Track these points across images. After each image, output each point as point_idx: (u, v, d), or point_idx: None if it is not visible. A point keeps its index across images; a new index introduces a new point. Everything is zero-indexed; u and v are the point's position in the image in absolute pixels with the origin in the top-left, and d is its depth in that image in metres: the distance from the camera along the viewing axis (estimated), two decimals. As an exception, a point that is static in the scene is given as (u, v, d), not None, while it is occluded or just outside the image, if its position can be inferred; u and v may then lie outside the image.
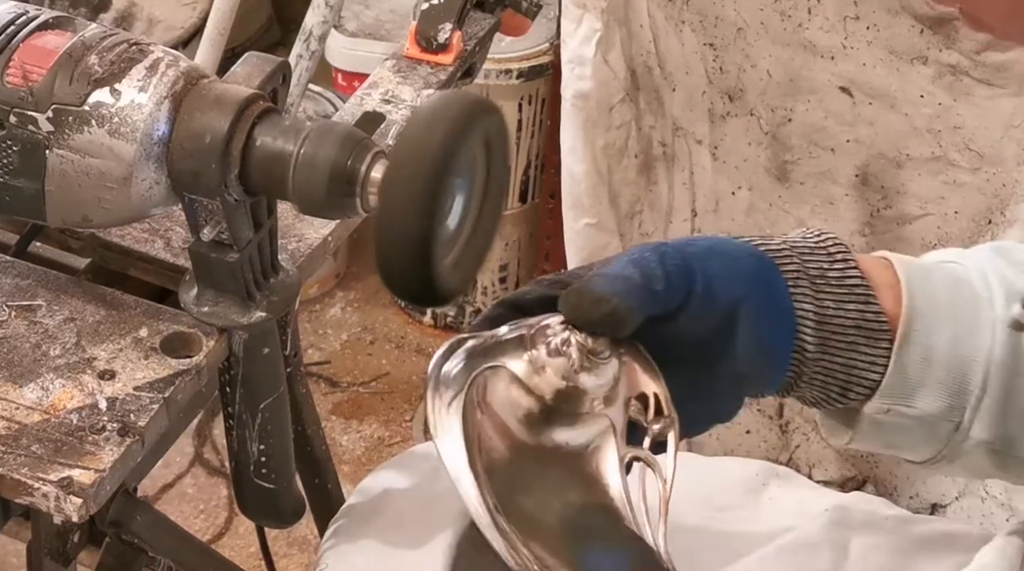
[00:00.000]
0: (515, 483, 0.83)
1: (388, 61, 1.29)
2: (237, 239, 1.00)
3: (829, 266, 0.94)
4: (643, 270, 0.88)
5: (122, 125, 0.96)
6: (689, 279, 0.89)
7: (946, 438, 0.97)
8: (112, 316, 1.06)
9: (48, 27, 0.98)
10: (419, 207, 0.82)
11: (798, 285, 0.93)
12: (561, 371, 0.84)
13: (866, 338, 0.94)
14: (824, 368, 0.94)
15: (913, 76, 1.70)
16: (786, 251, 0.94)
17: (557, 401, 0.85)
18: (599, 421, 0.86)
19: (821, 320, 0.93)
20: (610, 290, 0.86)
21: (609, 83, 1.89)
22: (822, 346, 0.93)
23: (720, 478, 1.28)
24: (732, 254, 0.92)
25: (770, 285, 0.92)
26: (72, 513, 0.96)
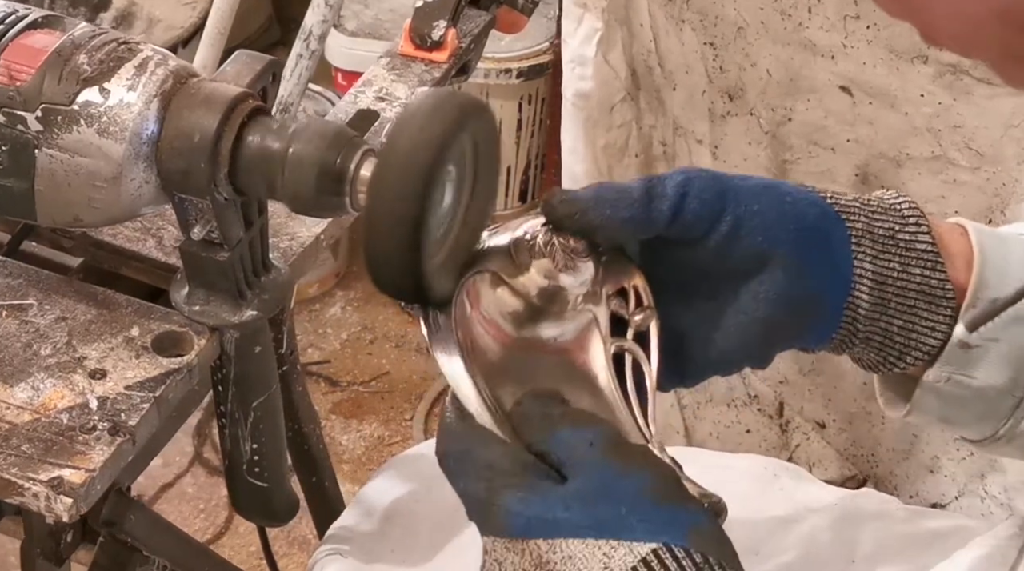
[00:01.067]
0: (510, 379, 0.85)
1: (382, 59, 1.29)
2: (227, 238, 1.00)
3: (900, 228, 0.92)
4: (650, 188, 0.88)
5: (111, 124, 0.95)
6: (715, 210, 0.89)
7: (1006, 414, 0.95)
8: (103, 315, 1.06)
9: (37, 26, 0.98)
10: (407, 205, 0.81)
11: (861, 243, 0.91)
12: (543, 271, 0.87)
13: (928, 303, 0.92)
14: (882, 329, 0.92)
15: (913, 75, 1.69)
16: (855, 207, 0.92)
17: (542, 300, 0.87)
18: (583, 316, 0.88)
19: (881, 281, 0.91)
20: (591, 197, 0.87)
21: (610, 83, 1.89)
22: (880, 307, 0.92)
23: (729, 471, 1.28)
24: (788, 198, 0.91)
25: (825, 238, 0.91)
26: (62, 513, 0.96)
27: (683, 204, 0.88)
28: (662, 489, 0.80)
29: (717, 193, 0.88)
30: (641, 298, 0.89)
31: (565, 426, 0.82)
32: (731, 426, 2.06)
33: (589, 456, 0.80)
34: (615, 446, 0.81)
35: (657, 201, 0.87)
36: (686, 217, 0.88)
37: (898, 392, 0.98)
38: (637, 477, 0.80)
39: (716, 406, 2.06)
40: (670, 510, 0.79)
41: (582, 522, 0.78)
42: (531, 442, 0.82)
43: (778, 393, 2.02)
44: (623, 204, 0.87)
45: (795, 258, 0.90)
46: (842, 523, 1.21)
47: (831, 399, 1.97)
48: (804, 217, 0.90)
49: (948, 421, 0.98)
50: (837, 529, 1.20)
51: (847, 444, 1.99)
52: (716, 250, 0.89)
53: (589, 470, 0.80)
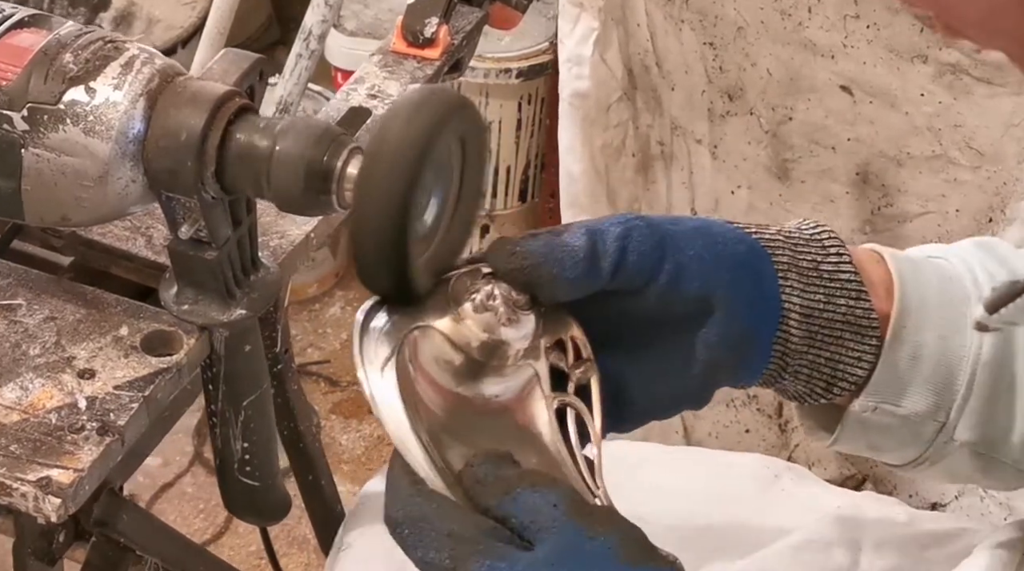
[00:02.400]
0: (456, 439, 0.83)
1: (374, 56, 1.29)
2: (216, 237, 1.00)
3: (823, 259, 0.93)
4: (594, 242, 0.87)
5: (97, 123, 0.95)
6: (655, 260, 0.89)
7: (930, 439, 0.97)
8: (92, 315, 1.06)
9: (23, 25, 0.97)
10: (393, 203, 0.81)
11: (787, 277, 0.92)
12: (483, 324, 0.86)
13: (854, 334, 0.93)
14: (809, 362, 0.93)
15: (913, 75, 1.69)
16: (779, 241, 0.93)
17: (482, 354, 0.86)
18: (524, 372, 0.87)
19: (808, 313, 0.92)
20: (539, 253, 0.86)
21: (607, 82, 1.89)
22: (808, 340, 0.92)
23: (730, 471, 1.28)
24: (719, 238, 0.91)
25: (757, 274, 0.91)
26: (51, 513, 0.96)
27: (624, 258, 0.88)
28: (633, 550, 0.78)
29: (655, 243, 0.89)
30: (579, 351, 0.89)
31: (524, 488, 0.79)
32: (730, 426, 2.06)
33: (554, 519, 0.78)
34: (579, 507, 0.79)
35: (600, 259, 0.87)
36: (628, 270, 0.88)
37: (820, 421, 0.99)
38: (606, 539, 0.78)
39: (715, 406, 2.06)
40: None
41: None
42: (488, 506, 0.80)
43: (778, 393, 2.02)
44: (568, 263, 0.87)
45: (731, 298, 0.90)
46: (844, 524, 1.21)
47: (831, 399, 1.96)
48: (735, 255, 0.91)
49: (874, 448, 0.99)
50: (839, 530, 1.20)
51: (847, 444, 1.98)
52: (658, 299, 0.90)
53: (556, 533, 0.78)
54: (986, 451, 0.98)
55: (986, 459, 0.98)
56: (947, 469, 1.00)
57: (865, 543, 1.20)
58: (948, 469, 1.00)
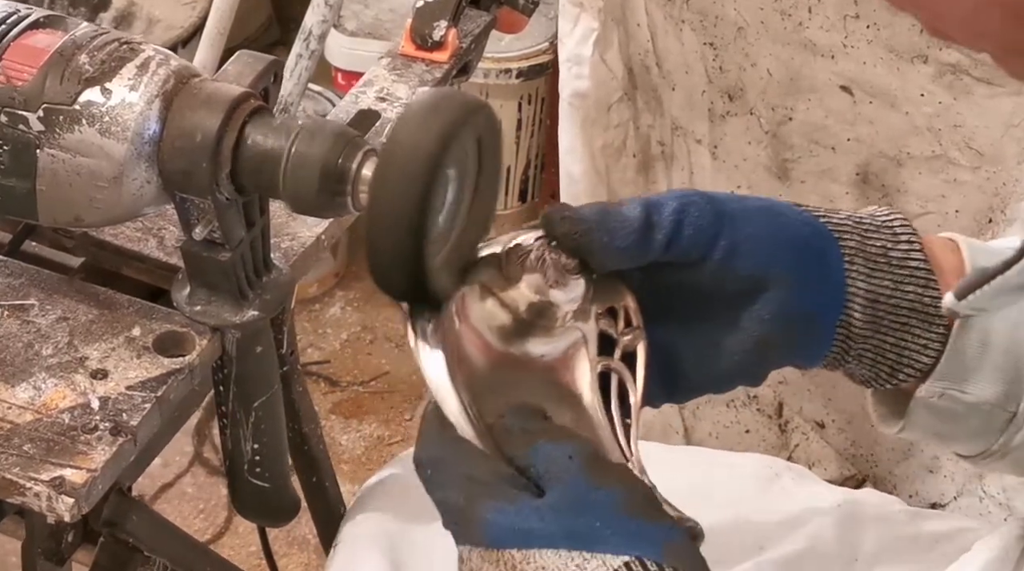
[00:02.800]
0: (495, 393, 0.85)
1: (383, 59, 1.29)
2: (229, 238, 1.00)
3: (893, 245, 0.92)
4: (649, 214, 0.88)
5: (113, 124, 0.95)
6: (711, 236, 0.89)
7: (1000, 429, 0.96)
8: (104, 315, 1.06)
9: (39, 26, 0.98)
10: (408, 204, 0.81)
11: (854, 262, 0.91)
12: (534, 286, 0.87)
13: (921, 321, 0.93)
14: (874, 347, 0.93)
15: (913, 75, 1.70)
16: (848, 226, 0.92)
17: (530, 315, 0.87)
18: (572, 334, 0.88)
19: (874, 299, 0.92)
20: (592, 220, 0.87)
21: (607, 82, 1.90)
22: (873, 325, 0.92)
23: (731, 471, 1.28)
24: (782, 219, 0.91)
25: (821, 257, 0.91)
26: (64, 513, 0.96)
27: (679, 232, 0.88)
28: (638, 504, 0.80)
29: (712, 219, 0.89)
30: (631, 319, 0.90)
31: (545, 440, 0.81)
32: (730, 426, 2.06)
33: (567, 469, 0.80)
34: (593, 461, 0.81)
35: (654, 230, 0.88)
36: (682, 244, 0.89)
37: (892, 408, 0.99)
38: (613, 491, 0.79)
39: (715, 406, 2.06)
40: (645, 525, 0.79)
41: (556, 533, 0.78)
42: (512, 456, 0.81)
43: (777, 393, 2.02)
44: (621, 233, 0.87)
45: (790, 278, 0.91)
46: (844, 523, 1.21)
47: (830, 399, 1.97)
48: (798, 237, 0.91)
49: (942, 437, 0.98)
50: (840, 529, 1.20)
51: (846, 444, 1.99)
52: (712, 274, 0.90)
53: (566, 483, 0.79)
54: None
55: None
56: (1017, 462, 0.99)
57: (865, 543, 1.20)
58: (1018, 462, 0.99)
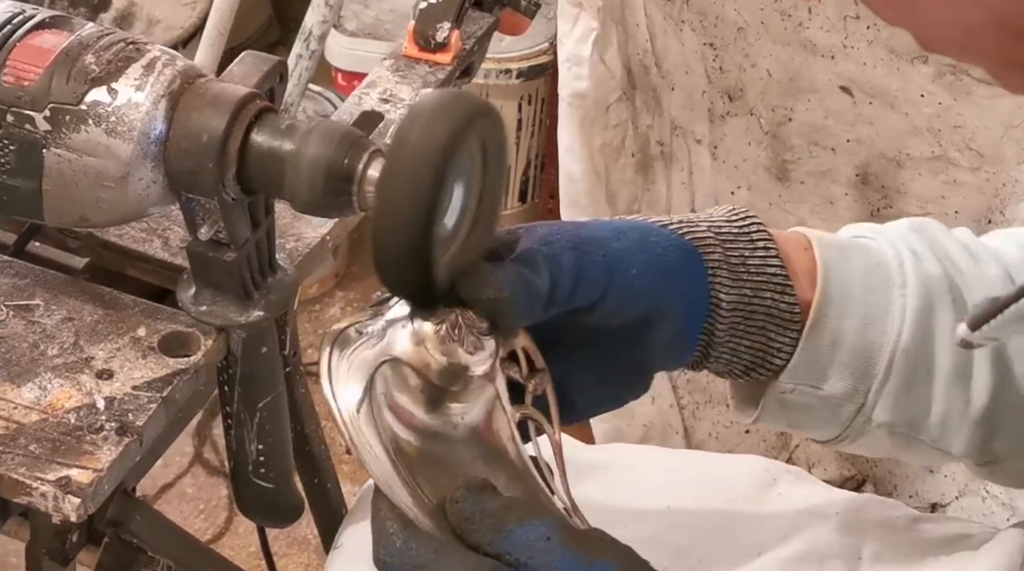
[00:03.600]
0: (434, 470, 0.84)
1: (386, 60, 1.29)
2: (235, 238, 1.00)
3: (751, 253, 0.95)
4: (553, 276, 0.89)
5: (119, 124, 0.95)
6: (604, 285, 0.91)
7: (849, 419, 1.00)
8: (110, 316, 1.06)
9: (45, 26, 0.98)
10: (416, 205, 0.81)
11: (717, 274, 0.94)
12: (445, 350, 0.86)
13: (776, 326, 0.96)
14: (730, 349, 0.96)
15: (913, 75, 1.70)
16: (710, 239, 0.95)
17: (443, 380, 0.86)
18: (485, 391, 0.88)
19: (734, 307, 0.95)
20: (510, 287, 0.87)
21: (606, 82, 1.90)
22: (730, 330, 0.95)
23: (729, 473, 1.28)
24: (658, 250, 0.94)
25: (691, 277, 0.94)
26: (70, 513, 0.96)
27: (577, 287, 0.90)
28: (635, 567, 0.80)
29: (604, 269, 0.91)
30: (532, 361, 0.91)
31: (512, 523, 0.80)
32: (730, 426, 2.06)
33: (550, 551, 0.79)
34: (570, 536, 0.80)
35: (557, 291, 0.90)
36: (579, 297, 0.91)
37: (747, 396, 1.02)
38: (605, 565, 0.79)
39: (715, 406, 2.06)
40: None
41: None
42: (479, 544, 0.80)
43: (778, 393, 2.02)
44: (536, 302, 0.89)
45: (668, 305, 0.94)
46: (845, 527, 1.21)
47: (831, 399, 1.97)
48: (674, 265, 0.94)
49: (795, 425, 1.02)
50: (840, 533, 1.20)
51: (847, 444, 1.99)
52: (603, 316, 0.93)
53: (556, 568, 0.78)
54: (905, 431, 1.01)
55: (905, 438, 1.01)
56: (866, 446, 1.03)
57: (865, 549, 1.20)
58: (867, 446, 1.03)
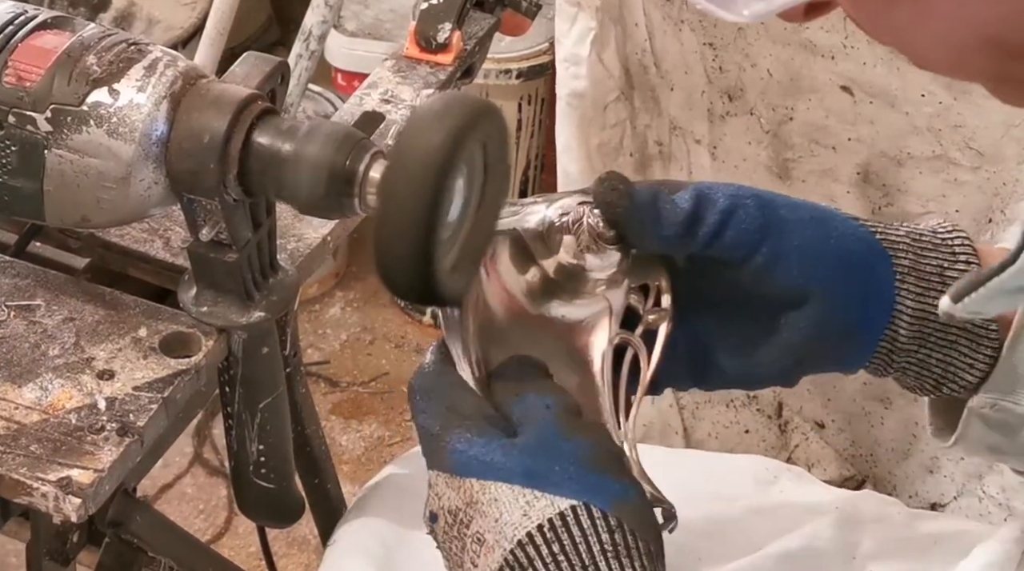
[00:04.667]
0: (505, 345, 0.88)
1: (387, 61, 1.29)
2: (236, 239, 1.00)
3: (949, 265, 0.93)
4: (698, 209, 0.89)
5: (120, 125, 0.95)
6: (754, 243, 0.89)
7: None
8: (111, 316, 1.06)
9: (46, 27, 0.98)
10: (419, 207, 0.81)
11: (905, 280, 0.91)
12: (569, 248, 0.88)
13: (969, 341, 0.93)
14: (919, 361, 0.93)
15: (913, 75, 1.70)
16: (904, 244, 0.92)
17: (560, 276, 0.89)
18: (598, 302, 0.89)
19: (922, 317, 0.92)
20: (642, 202, 0.88)
21: (604, 82, 1.89)
22: (919, 340, 0.92)
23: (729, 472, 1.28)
24: (834, 233, 0.91)
25: (870, 273, 0.91)
26: (71, 513, 0.96)
27: (722, 233, 0.89)
28: (600, 460, 0.82)
29: (759, 225, 0.89)
30: (660, 299, 0.90)
31: (532, 392, 0.85)
32: (730, 426, 2.06)
33: (541, 417, 0.83)
34: (570, 414, 0.84)
35: (698, 225, 0.89)
36: (724, 245, 0.89)
37: (947, 420, 0.98)
38: (579, 443, 0.82)
39: (715, 406, 2.07)
40: (601, 478, 0.82)
41: (515, 469, 0.81)
42: (500, 403, 0.85)
43: (777, 393, 2.02)
44: (667, 221, 0.88)
45: (834, 293, 0.91)
46: (843, 525, 1.21)
47: (830, 399, 1.97)
48: (847, 252, 0.91)
49: (995, 450, 0.98)
50: (838, 531, 1.20)
51: (846, 444, 1.99)
52: (752, 278, 0.91)
53: (537, 428, 0.83)
54: None
55: None
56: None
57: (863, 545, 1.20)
58: None
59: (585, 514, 0.80)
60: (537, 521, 0.80)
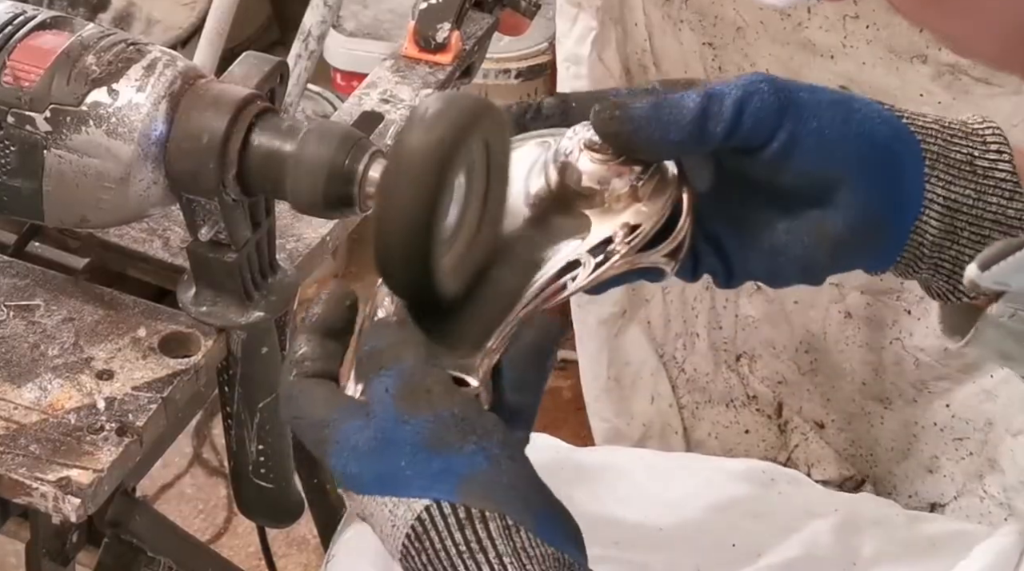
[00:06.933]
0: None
1: (386, 61, 1.29)
2: (235, 239, 1.00)
3: (980, 154, 0.87)
4: (707, 107, 0.84)
5: (119, 125, 0.96)
6: (772, 128, 0.85)
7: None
8: (110, 316, 1.06)
9: (46, 27, 0.98)
10: (417, 207, 0.81)
11: (935, 167, 0.87)
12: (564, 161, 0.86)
13: (1003, 234, 0.88)
14: (952, 258, 0.89)
15: (912, 75, 1.70)
16: (933, 129, 0.87)
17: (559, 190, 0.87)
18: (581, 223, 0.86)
19: (954, 208, 0.87)
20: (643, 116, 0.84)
21: (604, 82, 1.89)
22: (952, 235, 0.88)
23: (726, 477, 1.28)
24: (857, 116, 0.86)
25: (895, 159, 0.87)
26: (70, 513, 0.96)
27: (738, 124, 0.84)
28: (441, 434, 0.78)
29: (776, 109, 0.84)
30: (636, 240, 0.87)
31: (375, 370, 0.80)
32: (730, 426, 2.06)
33: (381, 403, 0.79)
34: (409, 390, 0.79)
35: (711, 122, 0.84)
36: (740, 134, 0.85)
37: (960, 322, 0.93)
38: (418, 424, 0.78)
39: (715, 406, 2.07)
40: (443, 460, 0.77)
41: (369, 478, 0.77)
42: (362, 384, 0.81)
43: (777, 393, 2.02)
44: (675, 127, 0.84)
45: (858, 179, 0.86)
46: (842, 528, 1.21)
47: (830, 399, 1.97)
48: (872, 136, 0.86)
49: (1007, 357, 0.93)
50: (837, 534, 1.20)
51: (846, 444, 1.99)
52: (771, 166, 0.86)
53: (378, 419, 0.78)
54: None
55: None
56: None
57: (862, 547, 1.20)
58: None
59: (437, 514, 0.76)
60: (404, 531, 0.77)
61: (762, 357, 2.00)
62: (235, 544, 2.16)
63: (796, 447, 2.02)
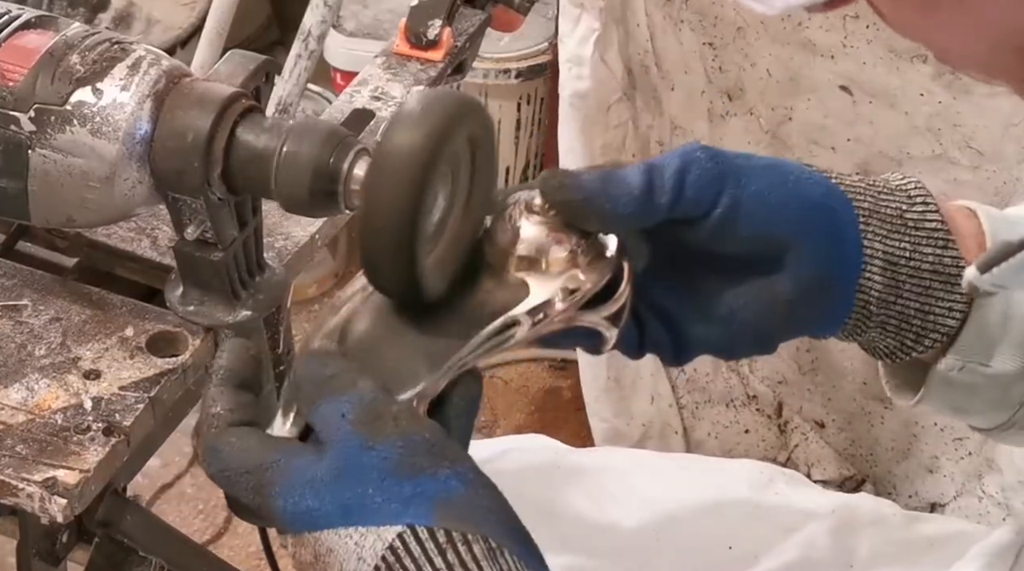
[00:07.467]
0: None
1: (378, 58, 1.29)
2: (221, 238, 1.00)
3: (908, 207, 0.89)
4: (651, 179, 0.85)
5: (104, 124, 0.95)
6: (712, 194, 0.86)
7: (1019, 401, 0.94)
8: (97, 316, 1.06)
9: (30, 26, 0.97)
10: (401, 206, 0.81)
11: (869, 223, 0.89)
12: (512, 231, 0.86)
13: (943, 283, 0.89)
14: (898, 313, 0.90)
15: (913, 74, 1.70)
16: (860, 188, 0.90)
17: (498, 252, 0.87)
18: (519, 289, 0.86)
19: (893, 261, 0.89)
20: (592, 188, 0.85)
21: (607, 82, 1.90)
22: (894, 289, 0.89)
23: (724, 478, 1.28)
24: (791, 178, 0.88)
25: (832, 216, 0.88)
26: (56, 514, 0.96)
27: (681, 193, 0.86)
28: (411, 459, 0.76)
29: (715, 176, 0.86)
30: (612, 288, 0.88)
31: (324, 397, 0.78)
32: (730, 426, 2.06)
33: (339, 430, 0.76)
34: (369, 415, 0.77)
35: (655, 194, 0.85)
36: (683, 205, 0.86)
37: (906, 380, 0.96)
38: (386, 448, 0.76)
39: (715, 406, 2.06)
40: (416, 483, 0.75)
41: (331, 510, 0.75)
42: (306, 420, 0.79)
43: (777, 393, 2.02)
44: (623, 200, 0.85)
45: (802, 239, 0.88)
46: (840, 528, 1.21)
47: (830, 399, 1.97)
48: (808, 196, 0.88)
49: (958, 409, 0.96)
50: (835, 534, 1.20)
51: (846, 444, 1.99)
52: (714, 234, 0.87)
53: (338, 447, 0.76)
54: None
55: None
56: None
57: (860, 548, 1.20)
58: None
59: (412, 540, 0.74)
60: (373, 563, 0.74)
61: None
62: (235, 544, 2.16)
63: (796, 447, 2.02)
